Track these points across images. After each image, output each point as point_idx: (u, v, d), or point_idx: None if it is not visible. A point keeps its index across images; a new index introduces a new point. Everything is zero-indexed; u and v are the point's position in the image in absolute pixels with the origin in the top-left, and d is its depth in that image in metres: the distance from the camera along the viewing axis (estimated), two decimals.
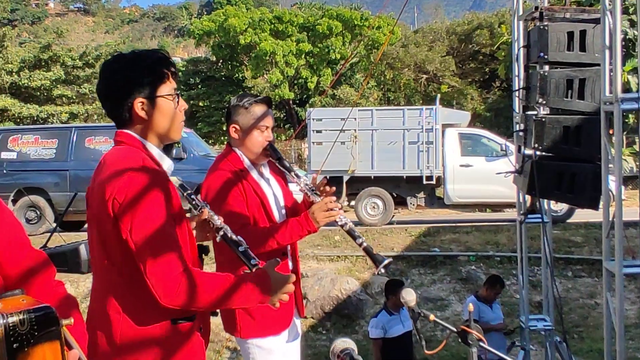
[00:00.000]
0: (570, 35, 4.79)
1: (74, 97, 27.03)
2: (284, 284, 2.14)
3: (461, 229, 11.68)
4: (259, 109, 3.17)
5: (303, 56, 32.85)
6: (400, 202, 13.73)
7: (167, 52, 2.41)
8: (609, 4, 4.05)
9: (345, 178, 13.41)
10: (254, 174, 3.20)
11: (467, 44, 32.17)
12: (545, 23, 4.84)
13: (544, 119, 4.77)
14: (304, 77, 32.99)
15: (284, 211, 3.30)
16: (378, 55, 29.84)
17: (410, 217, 14.91)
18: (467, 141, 13.46)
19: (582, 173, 4.73)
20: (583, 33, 4.77)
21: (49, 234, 5.05)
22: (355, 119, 13.25)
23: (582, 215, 10.45)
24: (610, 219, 4.14)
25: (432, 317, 2.42)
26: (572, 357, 5.68)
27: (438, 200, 13.61)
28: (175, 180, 2.50)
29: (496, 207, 13.92)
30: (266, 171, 3.31)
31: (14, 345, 1.22)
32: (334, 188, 3.20)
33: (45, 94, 26.31)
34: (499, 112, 27.43)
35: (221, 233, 2.35)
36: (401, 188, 13.47)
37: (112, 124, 2.27)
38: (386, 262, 2.92)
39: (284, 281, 2.14)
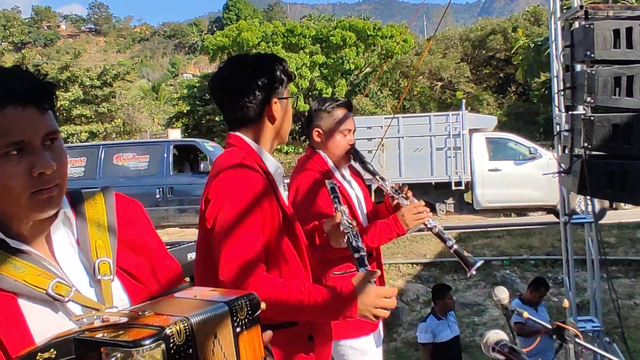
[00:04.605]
0: (616, 32, 4.76)
1: (93, 116, 27.23)
2: (376, 299, 1.98)
3: (493, 233, 11.60)
4: (340, 113, 3.18)
5: (317, 68, 32.94)
6: (430, 209, 13.66)
7: None
8: None
9: (374, 187, 13.36)
10: (338, 176, 3.21)
11: (480, 49, 32.25)
12: (591, 22, 4.83)
13: (592, 118, 4.74)
14: (319, 88, 33.06)
15: (366, 213, 3.30)
16: (382, 65, 29.86)
17: (440, 223, 14.76)
18: (495, 145, 13.42)
19: (634, 171, 4.69)
20: (629, 30, 4.74)
21: None
22: (381, 127, 13.28)
23: (612, 216, 10.36)
24: None
25: (526, 314, 2.40)
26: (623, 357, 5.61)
27: (467, 205, 13.57)
28: (328, 182, 2.59)
29: (526, 210, 13.83)
30: (347, 174, 3.32)
31: (239, 330, 1.25)
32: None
33: (65, 114, 26.50)
34: (518, 116, 27.39)
35: (345, 238, 2.34)
36: (430, 194, 13.48)
37: (139, 140, 2.26)
38: (478, 264, 2.92)
39: (376, 295, 1.98)
